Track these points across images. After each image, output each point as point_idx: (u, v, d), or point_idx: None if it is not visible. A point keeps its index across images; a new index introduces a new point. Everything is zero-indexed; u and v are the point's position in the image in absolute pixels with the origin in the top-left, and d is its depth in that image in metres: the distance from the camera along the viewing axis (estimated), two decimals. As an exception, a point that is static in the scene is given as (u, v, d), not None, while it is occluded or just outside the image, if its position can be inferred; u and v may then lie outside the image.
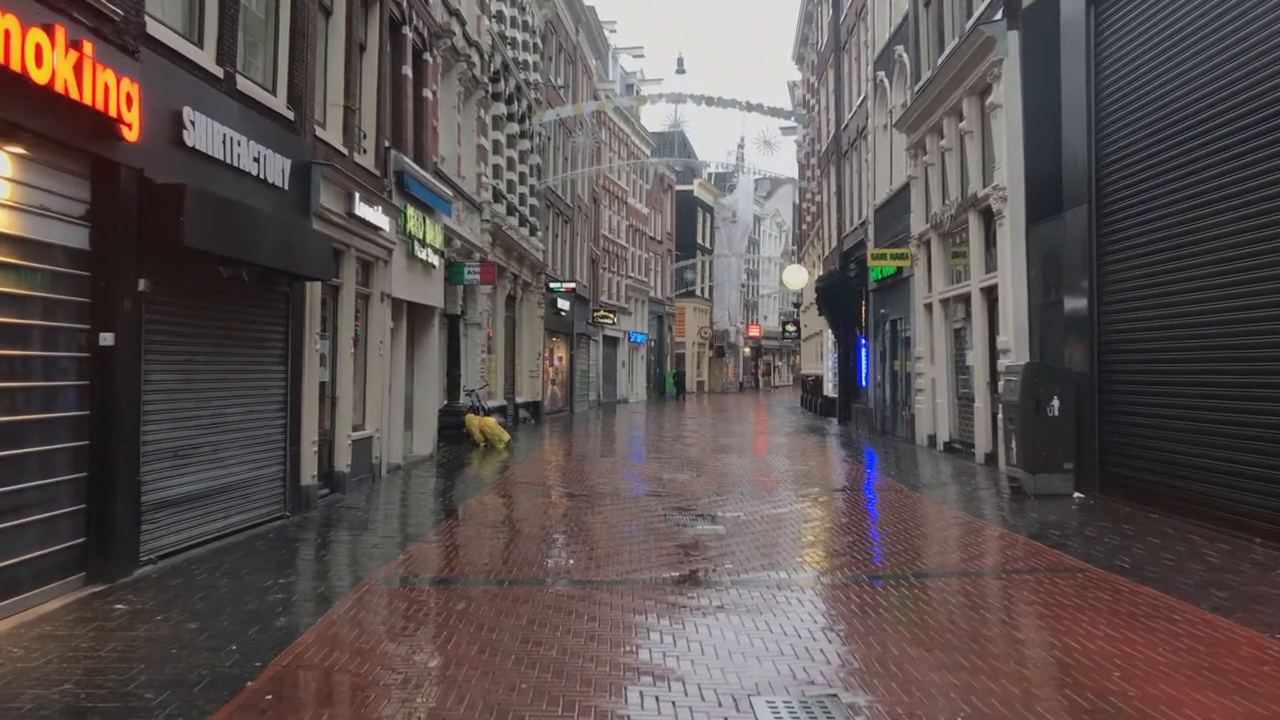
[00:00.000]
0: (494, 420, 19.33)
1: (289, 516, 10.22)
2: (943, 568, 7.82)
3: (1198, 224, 9.25)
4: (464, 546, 8.96)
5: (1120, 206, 10.60)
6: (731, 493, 12.39)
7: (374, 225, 12.68)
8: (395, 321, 14.78)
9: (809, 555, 8.47)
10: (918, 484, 13.11)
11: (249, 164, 9.16)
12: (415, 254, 14.99)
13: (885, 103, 21.42)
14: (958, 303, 16.66)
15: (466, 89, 20.12)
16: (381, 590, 7.03)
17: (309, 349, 10.82)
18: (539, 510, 11.24)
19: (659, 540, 8.96)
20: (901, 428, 20.36)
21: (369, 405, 13.41)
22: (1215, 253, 8.99)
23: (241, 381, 9.49)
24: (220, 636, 5.76)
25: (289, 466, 10.38)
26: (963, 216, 15.60)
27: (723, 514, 10.61)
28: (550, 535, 9.39)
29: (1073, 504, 10.62)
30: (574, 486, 13.34)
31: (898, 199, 20.43)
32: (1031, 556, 8.00)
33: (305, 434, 10.74)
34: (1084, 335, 11.25)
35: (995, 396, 14.47)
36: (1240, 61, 8.60)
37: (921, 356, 18.38)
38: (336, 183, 11.41)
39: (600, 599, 6.71)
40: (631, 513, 10.74)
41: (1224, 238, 8.85)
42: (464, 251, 19.39)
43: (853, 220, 25.67)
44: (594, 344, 39.86)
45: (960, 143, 15.88)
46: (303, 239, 10.02)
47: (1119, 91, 10.59)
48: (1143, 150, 10.16)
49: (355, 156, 12.62)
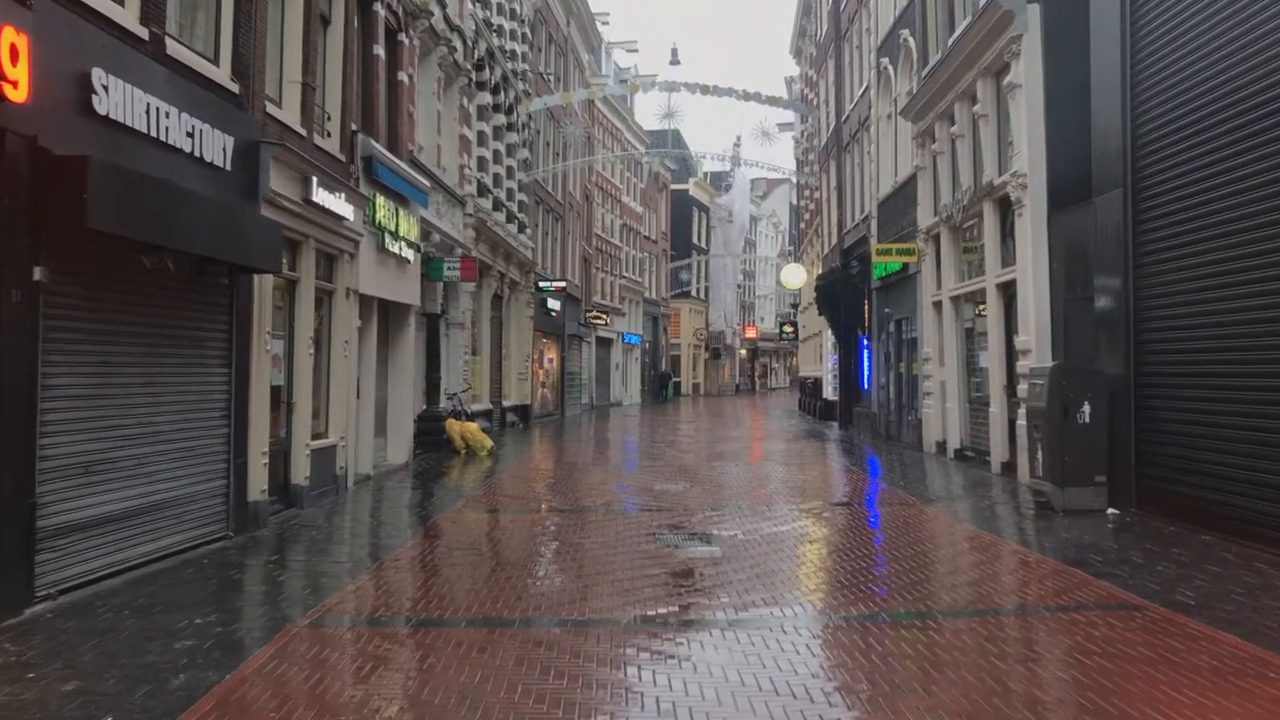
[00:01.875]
0: (476, 426, 18.22)
1: (232, 537, 9.11)
2: (974, 603, 6.73)
3: (1253, 207, 8.17)
4: (422, 576, 7.85)
5: (1161, 190, 9.52)
6: (727, 506, 11.30)
7: (336, 214, 11.58)
8: (364, 320, 13.68)
9: (814, 587, 7.37)
10: (930, 497, 12.03)
11: (180, 139, 8.06)
12: (386, 247, 13.89)
13: (889, 91, 20.35)
14: (970, 300, 15.59)
15: (448, 75, 19.02)
16: (312, 635, 5.92)
17: (258, 349, 9.72)
18: (514, 529, 10.14)
19: (647, 566, 7.87)
20: (907, 433, 19.28)
21: (332, 411, 12.30)
22: (1275, 239, 7.92)
23: (174, 386, 8.38)
24: (97, 703, 4.66)
25: (233, 481, 9.27)
26: (976, 207, 14.53)
27: (718, 532, 9.53)
28: (524, 561, 8.29)
29: (1108, 522, 9.55)
30: (557, 499, 12.24)
31: (903, 192, 19.36)
32: (1075, 589, 6.91)
33: (253, 444, 9.64)
34: (1118, 333, 10.18)
35: (1012, 401, 13.41)
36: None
37: (929, 358, 17.30)
38: (291, 165, 10.31)
39: (574, 646, 5.61)
40: (618, 531, 9.65)
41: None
42: (444, 247, 18.29)
43: (854, 216, 24.61)
44: (586, 345, 38.76)
45: (973, 128, 14.82)
46: (247, 226, 8.93)
47: (1160, 63, 9.52)
48: (1188, 127, 9.08)
49: (316, 139, 11.52)
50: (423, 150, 17.38)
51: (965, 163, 15.15)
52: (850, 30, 24.67)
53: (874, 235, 21.28)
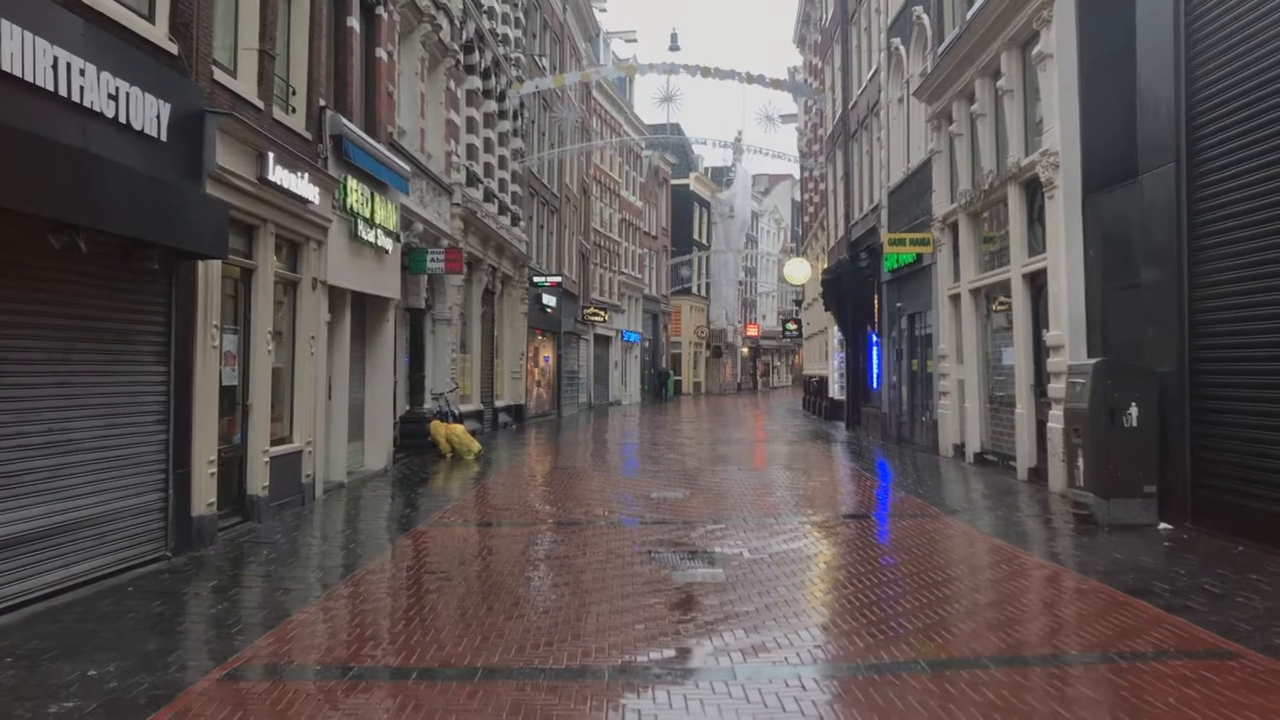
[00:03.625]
0: (462, 428, 17.12)
1: (170, 558, 8.03)
2: (1030, 646, 5.63)
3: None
4: (377, 608, 6.76)
5: (1222, 162, 8.41)
6: (731, 518, 10.21)
7: (299, 196, 10.48)
8: (336, 314, 12.59)
9: (836, 623, 6.26)
10: (954, 507, 10.93)
11: (100, 102, 6.97)
12: (360, 235, 12.79)
13: (901, 73, 19.24)
14: (992, 292, 14.48)
15: (432, 55, 17.92)
16: (224, 694, 4.83)
17: (203, 344, 8.63)
18: (494, 548, 9.05)
19: (642, 595, 6.78)
20: (921, 435, 18.18)
21: (298, 413, 11.21)
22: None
23: (96, 387, 7.30)
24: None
25: (172, 494, 8.19)
26: (1000, 192, 13.43)
27: (721, 550, 8.45)
28: (500, 590, 7.20)
29: (1162, 540, 8.45)
30: (545, 510, 11.16)
31: (916, 179, 18.26)
32: (1147, 627, 5.82)
33: (198, 451, 8.55)
34: (1169, 326, 9.08)
35: (1041, 401, 12.32)
36: None
37: (946, 355, 16.21)
38: (243, 139, 9.22)
39: (547, 709, 4.53)
40: (610, 549, 8.57)
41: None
42: (429, 238, 17.20)
43: (862, 207, 23.49)
44: (584, 343, 37.65)
45: (996, 106, 13.71)
46: (186, 205, 7.83)
47: (1222, 15, 8.41)
48: (1257, 90, 7.97)
49: (276, 113, 10.43)
50: (405, 135, 16.29)
51: (987, 144, 14.04)
52: (858, 12, 23.55)
53: (884, 226, 20.17)
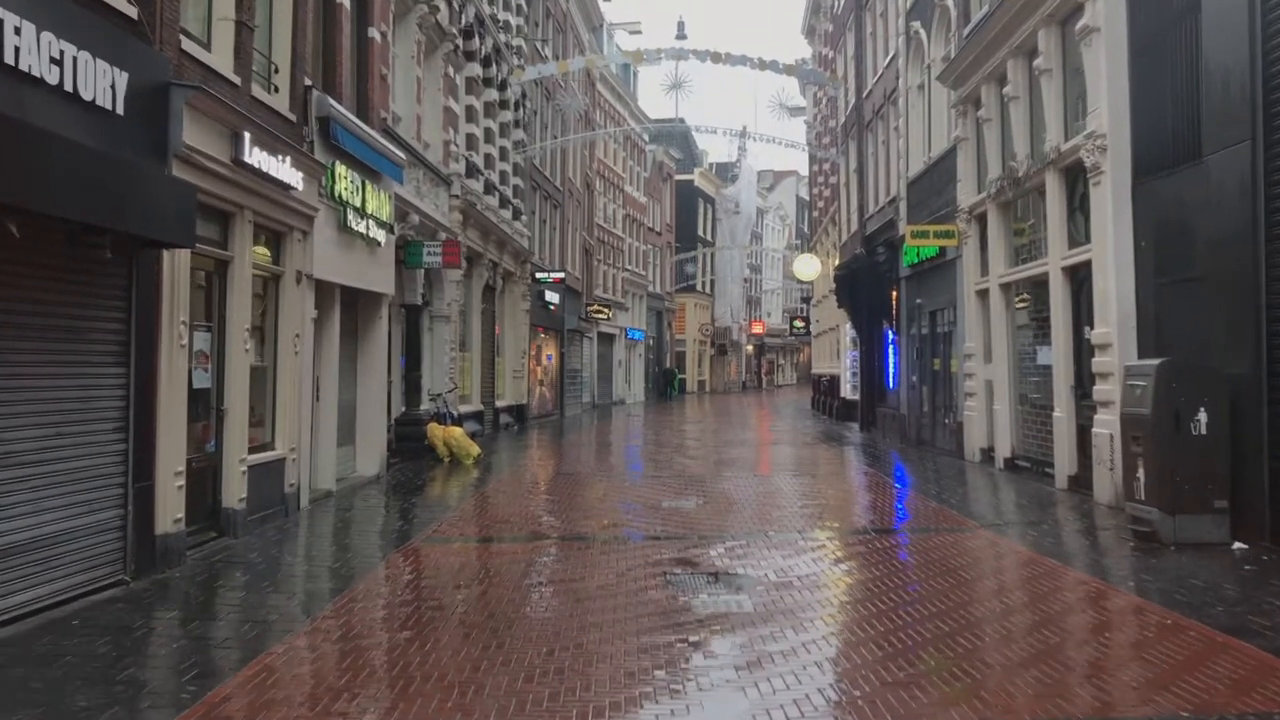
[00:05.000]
0: (461, 431, 16.24)
1: (128, 583, 7.17)
2: (1126, 704, 4.74)
3: None
4: (358, 648, 5.86)
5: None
6: (751, 533, 9.33)
7: (280, 181, 9.60)
8: (324, 310, 11.72)
9: (890, 667, 5.36)
10: (995, 520, 10.04)
11: (40, 66, 6.09)
12: (350, 226, 11.91)
13: (921, 58, 18.33)
14: (1026, 287, 13.58)
15: (429, 39, 17.04)
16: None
17: (169, 343, 7.76)
18: (492, 569, 8.17)
19: (660, 631, 5.90)
20: (943, 438, 17.28)
21: (280, 417, 10.33)
22: None
23: (39, 392, 6.44)
24: None
25: (132, 510, 7.32)
26: (1035, 179, 12.52)
27: (744, 571, 7.57)
28: (496, 623, 6.31)
29: (1240, 562, 7.56)
30: (548, 522, 10.28)
31: (938, 169, 17.35)
32: (1263, 679, 4.92)
33: (163, 461, 7.68)
34: (1243, 323, 8.18)
35: (1083, 404, 11.43)
36: None
37: (972, 353, 15.31)
38: (215, 117, 8.34)
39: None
40: (621, 570, 7.69)
41: None
42: (426, 230, 16.33)
43: (878, 200, 22.58)
44: (588, 341, 36.78)
45: (1030, 88, 12.81)
46: (145, 186, 6.95)
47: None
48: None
49: (255, 91, 9.55)
50: (400, 121, 15.42)
51: (1020, 129, 13.12)
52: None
53: (903, 219, 19.26)
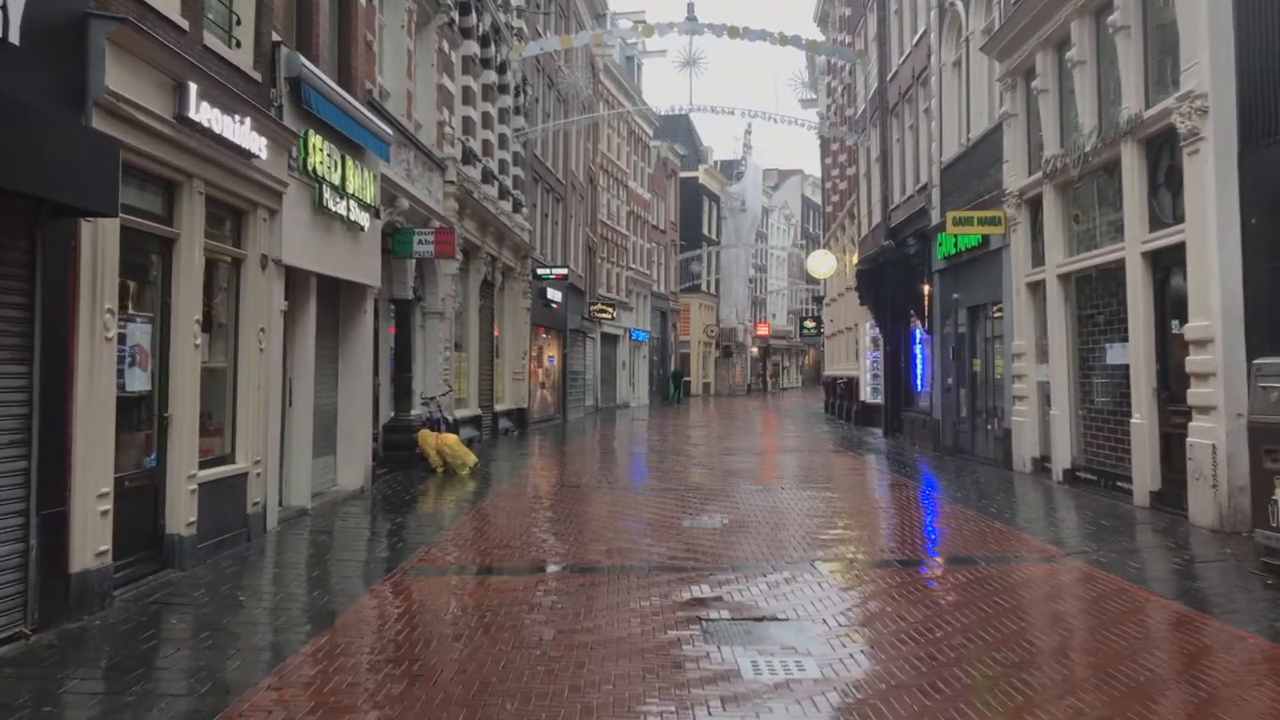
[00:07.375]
0: (455, 438, 14.74)
1: (28, 636, 5.68)
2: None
3: None
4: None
5: None
6: (796, 564, 7.81)
7: (239, 148, 8.12)
8: (296, 302, 10.24)
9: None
10: (1079, 547, 8.53)
11: (-108, -33, 4.62)
12: (327, 206, 10.43)
13: (958, 32, 16.86)
14: (1092, 277, 12.08)
15: (422, 9, 15.55)
16: None
17: (91, 337, 6.28)
18: (485, 610, 6.64)
19: (698, 704, 4.42)
20: (985, 446, 15.78)
21: (242, 425, 8.83)
22: None
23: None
24: None
25: (37, 543, 5.83)
26: (1107, 153, 11.03)
27: (794, 613, 6.11)
28: (475, 703, 4.82)
29: None
30: (552, 547, 8.79)
31: (978, 151, 15.88)
32: None
33: (80, 482, 6.20)
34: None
35: (1169, 409, 9.95)
36: None
37: (1021, 352, 13.82)
38: (152, 61, 6.85)
39: None
40: (644, 613, 6.21)
41: None
42: (417, 218, 14.85)
43: (905, 189, 21.09)
44: (590, 341, 35.29)
45: (1099, 51, 11.34)
46: (51, 137, 5.48)
47: None
48: None
49: (209, 40, 8.06)
50: (389, 98, 13.94)
51: (1087, 98, 11.63)
52: (899, -29, 21.15)
53: (935, 207, 17.78)
